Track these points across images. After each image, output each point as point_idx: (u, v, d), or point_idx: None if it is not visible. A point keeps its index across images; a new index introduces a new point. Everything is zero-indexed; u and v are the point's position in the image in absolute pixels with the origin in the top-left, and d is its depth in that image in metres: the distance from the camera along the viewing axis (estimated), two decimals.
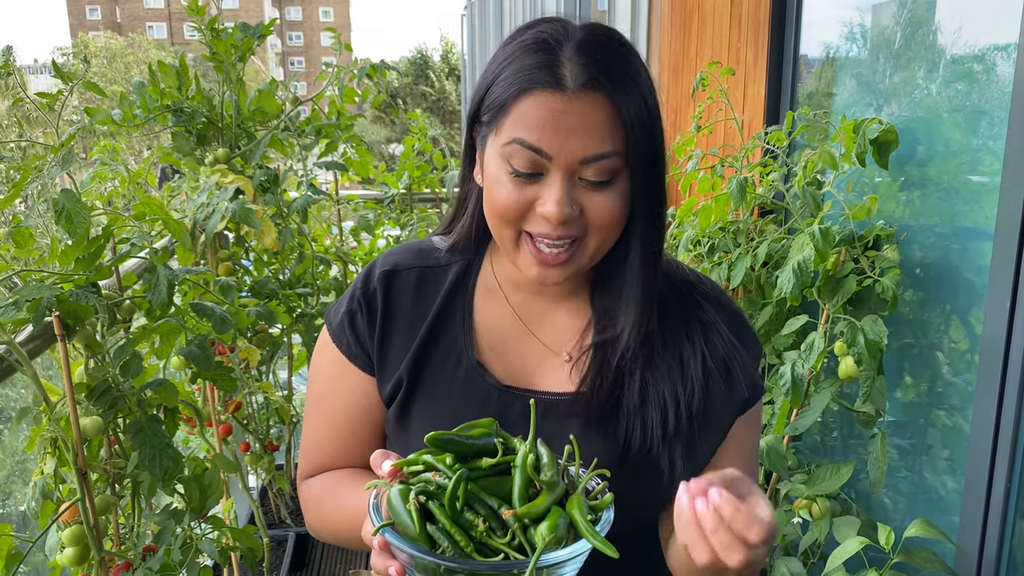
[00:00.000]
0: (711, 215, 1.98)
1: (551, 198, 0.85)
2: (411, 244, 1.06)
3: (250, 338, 2.36)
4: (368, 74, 2.51)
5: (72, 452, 1.31)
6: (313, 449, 1.05)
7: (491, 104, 0.89)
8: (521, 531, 0.70)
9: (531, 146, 0.84)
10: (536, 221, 0.87)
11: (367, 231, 3.26)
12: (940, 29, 1.77)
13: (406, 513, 0.70)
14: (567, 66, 0.85)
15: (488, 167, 0.90)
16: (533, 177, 0.86)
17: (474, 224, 1.01)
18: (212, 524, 1.60)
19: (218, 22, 2.22)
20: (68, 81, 1.54)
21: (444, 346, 0.98)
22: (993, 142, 1.58)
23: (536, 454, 0.75)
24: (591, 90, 0.84)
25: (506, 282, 1.02)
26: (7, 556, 1.27)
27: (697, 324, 0.98)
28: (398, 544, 0.68)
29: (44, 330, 1.35)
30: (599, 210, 0.87)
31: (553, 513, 0.70)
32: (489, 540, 0.70)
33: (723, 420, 0.98)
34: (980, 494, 1.51)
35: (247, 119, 2.33)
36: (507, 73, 0.88)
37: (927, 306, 1.75)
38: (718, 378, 0.97)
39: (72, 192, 1.31)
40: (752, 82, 2.36)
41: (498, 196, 0.88)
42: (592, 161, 0.85)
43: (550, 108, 0.84)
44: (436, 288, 1.01)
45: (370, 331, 0.99)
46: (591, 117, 0.84)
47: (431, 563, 0.68)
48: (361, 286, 1.01)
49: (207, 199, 1.84)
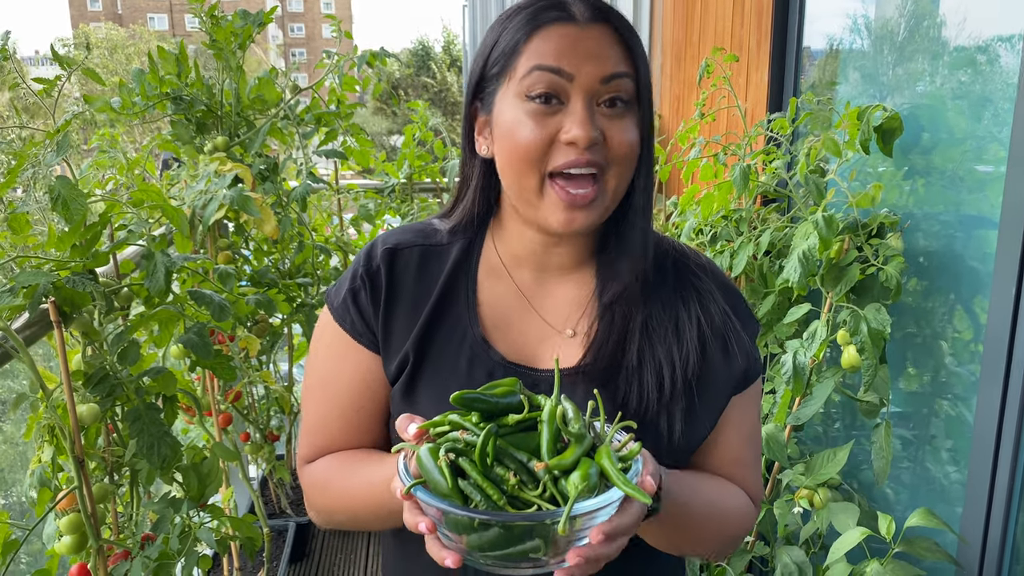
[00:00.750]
0: (713, 203, 1.96)
1: (575, 120, 0.86)
2: (410, 225, 1.06)
3: (250, 327, 2.36)
4: (368, 62, 2.49)
5: (69, 440, 1.31)
6: (316, 432, 1.03)
7: (499, 56, 0.91)
8: (552, 483, 0.70)
9: (551, 68, 0.86)
10: (561, 151, 0.87)
11: (367, 221, 3.25)
12: (944, 17, 1.75)
13: (437, 470, 0.69)
14: (573, 4, 0.90)
15: (503, 115, 0.90)
16: (552, 105, 0.87)
17: (476, 203, 1.00)
18: (211, 513, 1.59)
19: (218, 10, 2.21)
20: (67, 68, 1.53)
21: (449, 324, 0.98)
22: (998, 130, 1.57)
23: (562, 408, 0.76)
24: (601, 22, 0.89)
25: (509, 260, 1.01)
26: (4, 544, 1.27)
27: (692, 291, 0.99)
28: (430, 500, 0.68)
29: (40, 317, 1.34)
30: (619, 138, 0.88)
31: (584, 463, 0.70)
32: (521, 493, 0.70)
33: (721, 390, 0.98)
34: (983, 484, 1.50)
35: (247, 107, 2.32)
36: (511, 25, 0.91)
37: (931, 295, 1.74)
38: (715, 346, 0.97)
39: (68, 179, 1.29)
40: (755, 70, 2.34)
41: (520, 137, 0.88)
42: (611, 79, 0.87)
43: (566, 35, 0.87)
44: (439, 267, 1.00)
45: (375, 309, 0.98)
46: (604, 42, 0.88)
47: (464, 518, 0.67)
48: (364, 264, 1.00)
49: (205, 187, 1.82)
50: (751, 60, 2.36)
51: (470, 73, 0.96)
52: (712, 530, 0.97)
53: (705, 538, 0.97)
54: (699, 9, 2.77)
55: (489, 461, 0.71)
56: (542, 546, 0.68)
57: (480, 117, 0.96)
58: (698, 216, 2.03)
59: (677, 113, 2.98)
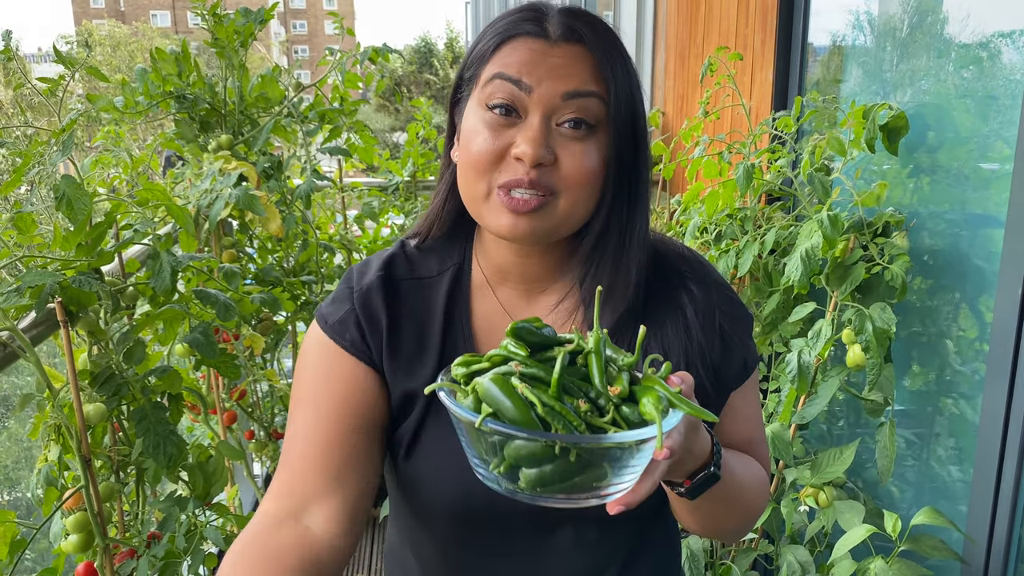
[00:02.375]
0: (718, 201, 1.96)
1: (526, 136, 0.84)
2: (387, 254, 1.01)
3: (254, 326, 2.36)
4: (370, 58, 2.49)
5: (76, 439, 1.31)
6: (296, 455, 0.89)
7: (471, 62, 0.90)
8: (615, 410, 0.71)
9: (510, 78, 0.85)
10: (509, 167, 0.85)
11: (371, 219, 3.25)
12: (949, 15, 1.74)
13: (511, 400, 0.67)
14: (551, 20, 0.88)
15: (467, 122, 0.89)
16: (510, 115, 0.85)
17: (443, 206, 0.98)
18: (216, 512, 1.60)
19: (220, 7, 2.21)
20: (70, 67, 1.53)
21: (450, 357, 0.94)
22: (1004, 128, 1.56)
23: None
24: (574, 41, 0.86)
25: (493, 276, 0.99)
26: (11, 543, 1.27)
27: (682, 292, 0.98)
28: (512, 431, 0.66)
29: (47, 316, 1.34)
30: (573, 163, 0.85)
31: (646, 390, 0.71)
32: (592, 420, 0.70)
33: (723, 385, 0.98)
34: (989, 483, 1.50)
35: (250, 105, 2.32)
36: (490, 32, 0.90)
37: (936, 294, 1.74)
38: (714, 346, 0.97)
39: (73, 178, 1.30)
40: (760, 68, 2.34)
41: (474, 146, 0.87)
42: (573, 97, 0.84)
43: (532, 49, 0.86)
44: (434, 299, 0.97)
45: (375, 339, 0.93)
46: (573, 61, 0.86)
47: (539, 446, 0.66)
48: (360, 294, 0.95)
49: (210, 185, 1.83)
50: (756, 58, 2.36)
51: (454, 80, 0.96)
52: (749, 501, 0.97)
53: (744, 509, 0.97)
54: (703, 7, 2.76)
55: (558, 389, 0.70)
56: (607, 473, 0.68)
57: (456, 123, 0.94)
58: (703, 214, 2.02)
59: (681, 111, 2.97)
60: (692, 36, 2.88)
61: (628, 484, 0.70)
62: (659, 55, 3.29)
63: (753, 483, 0.99)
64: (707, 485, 0.82)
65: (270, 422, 2.63)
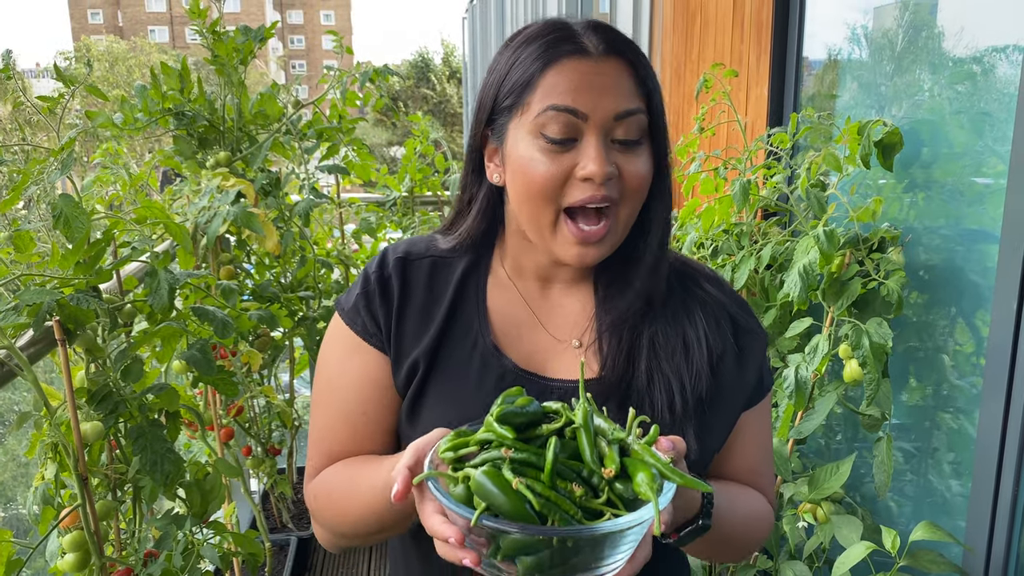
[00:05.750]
0: (714, 217, 1.97)
1: (591, 157, 0.87)
2: (416, 237, 1.07)
3: (252, 342, 2.36)
4: (370, 78, 2.50)
5: (73, 457, 1.31)
6: (323, 439, 1.02)
7: (512, 88, 0.91)
8: (608, 489, 0.71)
9: (567, 108, 0.87)
10: (577, 188, 0.88)
11: (369, 234, 3.25)
12: (943, 32, 1.76)
13: (505, 494, 0.67)
14: (585, 36, 0.90)
15: (516, 150, 0.91)
16: (567, 144, 0.88)
17: (479, 225, 1.01)
18: (214, 529, 1.59)
19: (220, 25, 2.22)
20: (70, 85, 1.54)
21: (460, 331, 0.98)
22: (997, 144, 1.58)
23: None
24: (614, 55, 0.89)
25: (515, 272, 1.02)
26: (8, 562, 1.27)
27: (698, 304, 1.00)
28: (509, 528, 0.66)
29: (45, 334, 1.34)
30: (633, 171, 0.90)
31: (637, 465, 0.70)
32: (587, 504, 0.70)
33: (734, 404, 0.99)
34: (987, 498, 1.50)
35: (249, 122, 2.33)
36: (524, 56, 0.91)
37: (932, 309, 1.74)
38: (726, 360, 0.98)
39: (71, 197, 1.30)
40: (755, 84, 2.35)
41: (535, 173, 0.89)
42: (624, 117, 0.88)
43: (580, 72, 0.88)
44: (448, 276, 1.01)
45: (386, 314, 0.98)
46: (617, 78, 0.89)
47: (535, 539, 0.66)
48: (376, 271, 1.01)
49: (208, 203, 1.83)
50: (751, 75, 2.37)
51: (480, 99, 0.96)
52: (746, 537, 0.99)
53: (740, 545, 1.00)
54: (699, 24, 2.78)
55: (552, 477, 0.70)
56: (604, 554, 0.68)
57: (491, 145, 0.96)
58: (699, 230, 2.03)
59: (677, 128, 2.99)
60: (687, 52, 2.90)
61: (625, 556, 0.71)
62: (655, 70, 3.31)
63: (750, 520, 1.00)
64: (695, 536, 0.85)
65: (267, 438, 2.62)
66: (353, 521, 0.96)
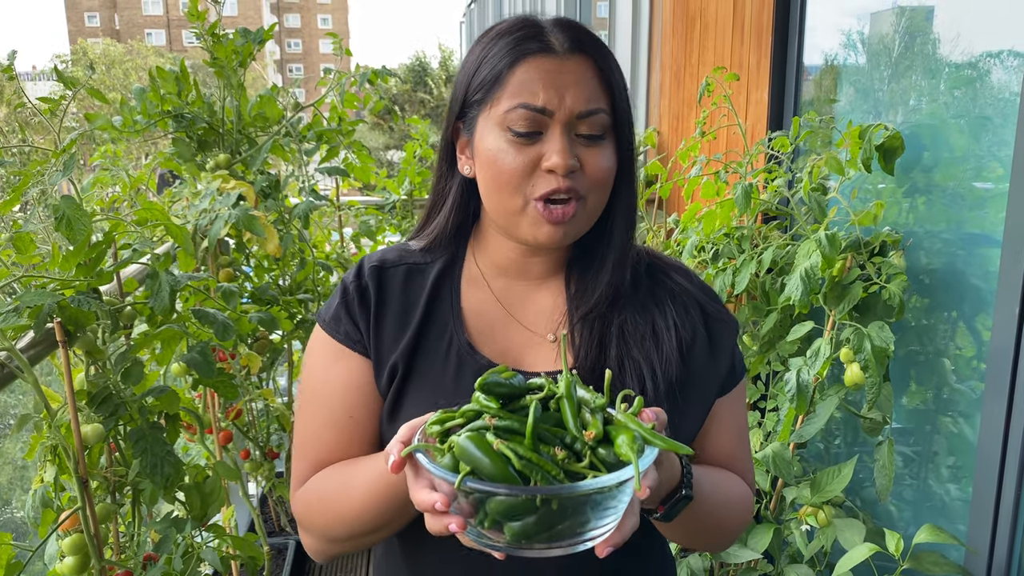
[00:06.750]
0: (715, 220, 1.97)
1: (554, 149, 0.90)
2: (390, 247, 1.09)
3: (251, 344, 2.35)
4: (370, 80, 2.50)
5: (73, 460, 1.30)
6: (309, 446, 1.03)
7: (481, 84, 0.94)
8: (591, 453, 0.72)
9: (534, 107, 0.90)
10: (543, 179, 0.92)
11: (368, 237, 3.25)
12: (942, 37, 1.76)
13: (488, 457, 0.69)
14: (553, 34, 0.93)
15: (484, 142, 0.94)
16: (533, 137, 0.91)
17: (451, 220, 1.04)
18: (213, 532, 1.58)
19: (218, 28, 2.21)
20: (72, 87, 1.53)
21: (435, 331, 1.01)
22: (998, 148, 1.58)
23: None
24: (579, 53, 0.93)
25: (489, 270, 1.05)
26: (7, 565, 1.26)
27: (667, 293, 1.02)
28: (489, 488, 0.67)
29: (45, 336, 1.33)
30: (595, 164, 0.93)
31: (620, 429, 0.72)
32: (570, 466, 0.71)
33: (707, 391, 1.02)
34: (989, 501, 1.50)
35: (248, 125, 2.32)
36: (493, 52, 0.94)
37: (933, 312, 1.74)
38: (698, 347, 1.01)
39: (72, 198, 1.29)
40: (755, 88, 2.36)
41: (502, 163, 0.92)
42: (586, 116, 0.92)
43: (546, 70, 0.91)
44: (423, 281, 1.04)
45: (365, 320, 1.01)
46: (582, 75, 0.92)
47: (521, 500, 0.66)
48: (353, 280, 1.03)
49: (209, 205, 1.82)
50: (751, 79, 2.38)
51: (453, 93, 1.00)
52: (727, 518, 1.01)
53: (721, 527, 1.01)
54: (699, 28, 2.78)
55: (533, 440, 0.71)
56: (590, 518, 0.69)
57: (462, 138, 1.00)
58: (700, 233, 2.03)
59: (676, 131, 2.99)
60: (687, 56, 2.90)
61: (612, 524, 0.71)
62: (654, 74, 3.31)
63: (732, 500, 1.02)
64: (681, 507, 0.86)
65: (266, 441, 2.61)
66: (350, 521, 0.96)
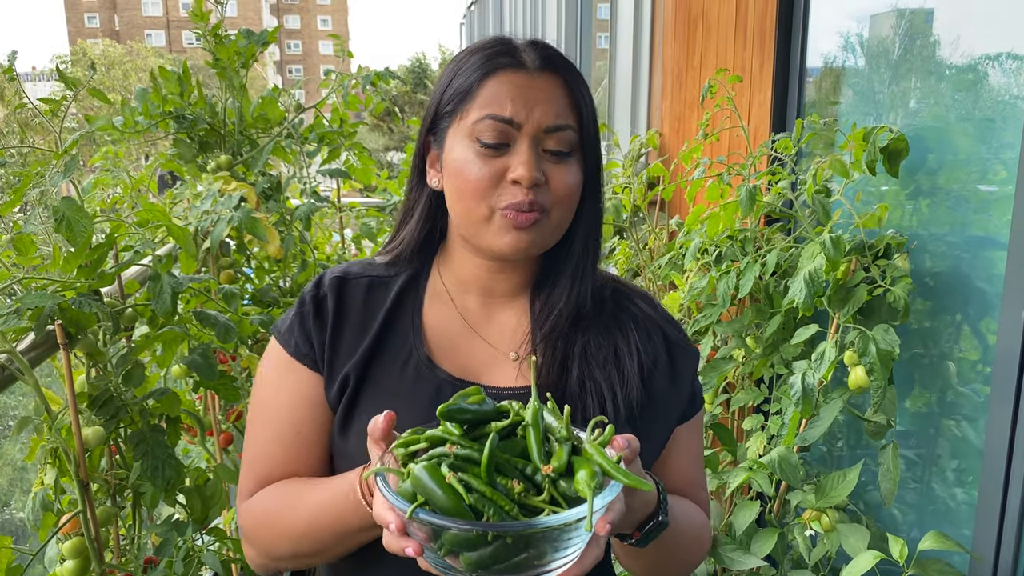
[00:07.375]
0: (719, 223, 1.96)
1: (520, 162, 0.91)
2: (355, 261, 1.10)
3: (252, 346, 2.34)
4: (372, 82, 2.50)
5: (73, 463, 1.29)
6: (256, 459, 1.02)
7: (452, 96, 0.96)
8: (551, 486, 0.70)
9: (502, 118, 0.92)
10: (508, 191, 0.92)
11: (369, 238, 3.24)
12: (945, 39, 1.76)
13: (442, 488, 0.68)
14: (525, 52, 0.96)
15: (453, 152, 0.95)
16: (500, 149, 0.92)
17: (419, 232, 1.04)
18: (214, 535, 1.58)
19: (221, 29, 2.21)
20: (73, 87, 1.53)
21: (394, 345, 1.00)
22: (1003, 151, 1.57)
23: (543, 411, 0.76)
24: (549, 71, 0.95)
25: (454, 286, 1.04)
26: (7, 569, 1.25)
27: (630, 319, 1.03)
28: (442, 521, 0.66)
29: (45, 338, 1.33)
30: (561, 181, 0.94)
31: (582, 463, 0.70)
32: (526, 500, 0.70)
33: (668, 418, 1.03)
34: (994, 506, 1.49)
35: (250, 126, 2.31)
36: (466, 66, 0.96)
37: (938, 316, 1.74)
38: (659, 374, 1.01)
39: (73, 200, 1.29)
40: (758, 90, 2.35)
41: (468, 173, 0.93)
42: (554, 131, 0.93)
43: (516, 84, 0.93)
44: (385, 294, 1.03)
45: (319, 333, 1.00)
46: (551, 92, 0.94)
47: (472, 534, 0.66)
48: (311, 291, 1.03)
49: (211, 206, 1.82)
50: (754, 80, 2.37)
51: (426, 108, 1.01)
52: (692, 546, 1.02)
53: (687, 557, 1.02)
54: (700, 30, 2.78)
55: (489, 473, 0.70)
56: (547, 551, 0.68)
57: (433, 151, 1.00)
58: (703, 236, 2.02)
59: (678, 133, 2.98)
60: (689, 57, 2.89)
61: (573, 555, 0.70)
62: (656, 76, 3.31)
63: (693, 529, 1.03)
64: (656, 533, 0.87)
65: None
66: (295, 540, 0.96)
